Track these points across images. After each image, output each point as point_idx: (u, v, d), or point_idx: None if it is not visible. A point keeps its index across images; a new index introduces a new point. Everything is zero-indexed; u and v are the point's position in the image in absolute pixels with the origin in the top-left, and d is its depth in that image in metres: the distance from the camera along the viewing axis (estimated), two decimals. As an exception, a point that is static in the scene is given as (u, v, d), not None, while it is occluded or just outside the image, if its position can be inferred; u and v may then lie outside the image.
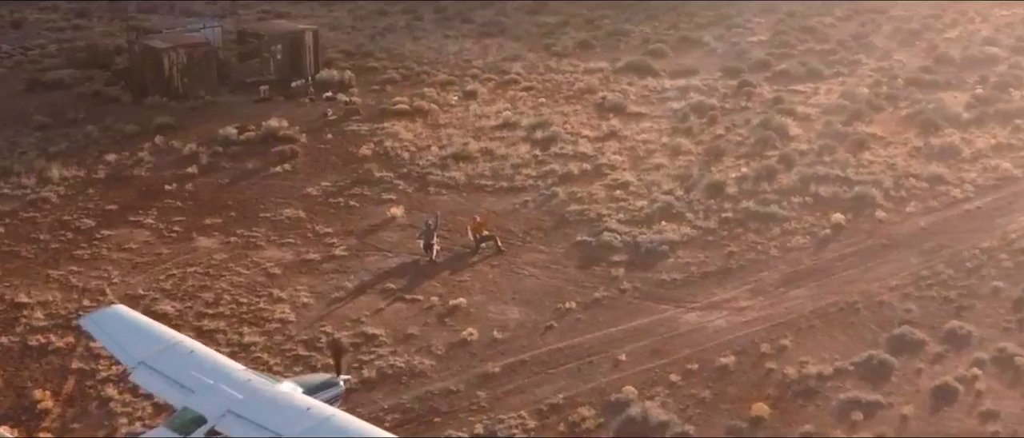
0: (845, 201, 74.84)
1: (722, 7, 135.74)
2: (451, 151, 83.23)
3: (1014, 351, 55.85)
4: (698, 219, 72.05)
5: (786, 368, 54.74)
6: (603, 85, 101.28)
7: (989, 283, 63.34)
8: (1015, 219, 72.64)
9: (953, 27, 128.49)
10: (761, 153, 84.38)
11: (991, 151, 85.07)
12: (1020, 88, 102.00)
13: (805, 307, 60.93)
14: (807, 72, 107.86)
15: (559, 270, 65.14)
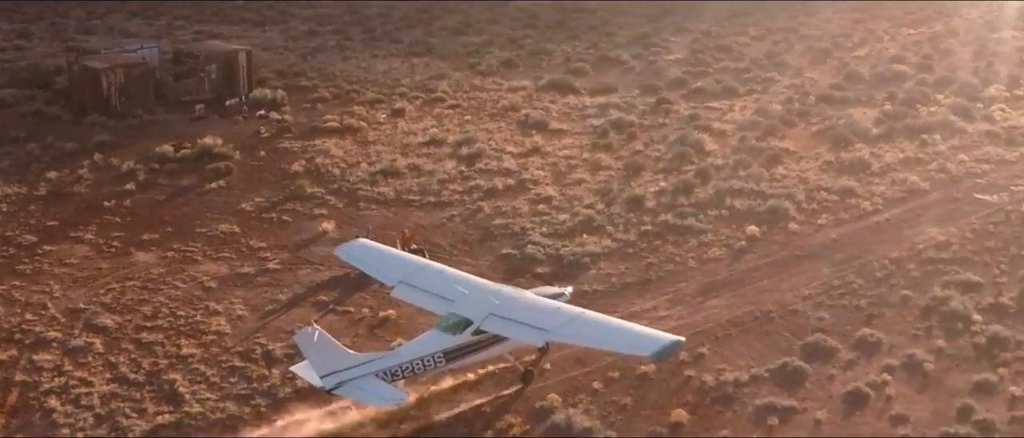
0: (759, 214, 75.29)
1: (640, 26, 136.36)
2: (380, 167, 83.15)
3: (922, 357, 56.54)
4: (618, 232, 72.32)
5: (704, 375, 54.99)
6: (526, 103, 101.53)
7: (898, 292, 64.07)
8: (922, 230, 73.31)
9: (862, 46, 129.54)
10: (678, 168, 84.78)
11: (899, 165, 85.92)
12: (926, 104, 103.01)
13: (722, 316, 61.29)
14: (722, 89, 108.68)
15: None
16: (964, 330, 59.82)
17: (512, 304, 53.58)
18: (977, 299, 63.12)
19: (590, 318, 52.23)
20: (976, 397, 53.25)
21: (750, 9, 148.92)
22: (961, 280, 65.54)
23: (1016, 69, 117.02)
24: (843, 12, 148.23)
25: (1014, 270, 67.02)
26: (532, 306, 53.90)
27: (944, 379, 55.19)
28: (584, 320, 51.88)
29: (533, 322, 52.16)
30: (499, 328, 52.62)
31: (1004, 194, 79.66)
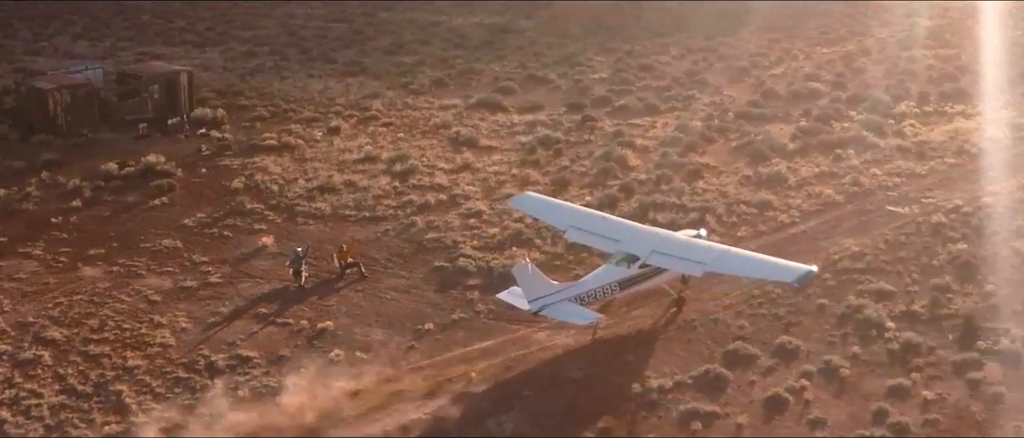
0: (681, 226, 73.89)
1: (566, 46, 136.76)
2: (317, 183, 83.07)
3: (838, 363, 56.97)
4: (546, 245, 72.53)
5: (630, 382, 55.19)
6: (457, 121, 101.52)
7: (814, 301, 64.38)
8: (837, 241, 73.78)
9: (778, 64, 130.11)
10: (603, 183, 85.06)
11: (814, 179, 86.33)
12: (840, 120, 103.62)
13: (646, 325, 61.75)
14: (645, 107, 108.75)
15: (419, 294, 65.30)
16: (878, 337, 60.20)
17: (670, 242, 63.24)
18: (890, 307, 63.54)
19: (737, 253, 62.82)
20: (890, 401, 53.57)
21: (671, 29, 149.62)
22: (875, 289, 66.01)
23: (925, 87, 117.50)
24: (760, 33, 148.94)
25: (925, 279, 67.47)
26: (687, 244, 63.58)
27: (860, 384, 55.54)
28: (733, 254, 62.20)
29: (691, 257, 61.30)
30: (662, 262, 61.77)
31: (915, 206, 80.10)
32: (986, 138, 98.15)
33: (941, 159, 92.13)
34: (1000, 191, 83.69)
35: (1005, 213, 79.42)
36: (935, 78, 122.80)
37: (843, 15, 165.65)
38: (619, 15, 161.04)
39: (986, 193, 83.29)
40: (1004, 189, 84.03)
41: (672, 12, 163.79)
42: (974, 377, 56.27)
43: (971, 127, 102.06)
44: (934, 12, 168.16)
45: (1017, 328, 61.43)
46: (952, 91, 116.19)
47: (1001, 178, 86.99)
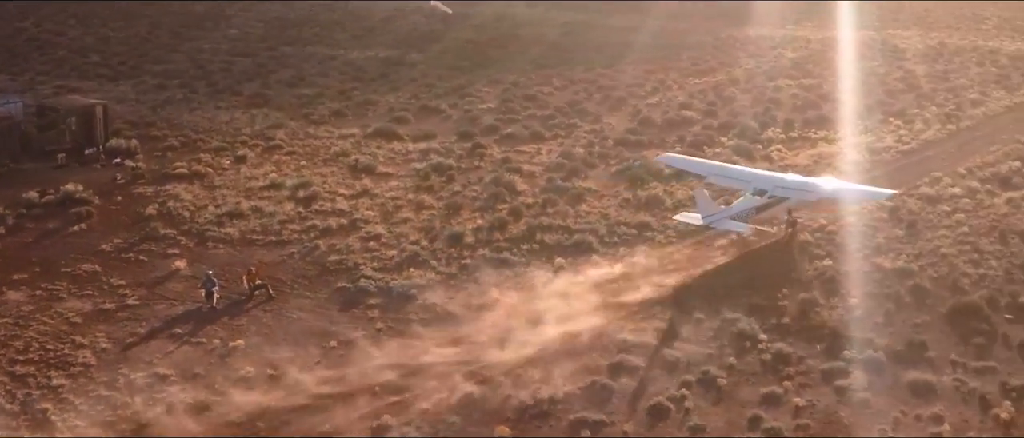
0: (566, 247, 76.12)
1: (456, 78, 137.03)
2: (226, 209, 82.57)
3: (716, 373, 57.67)
4: (441, 265, 72.70)
5: (522, 393, 55.46)
6: (355, 149, 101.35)
7: (693, 314, 65.05)
8: (710, 258, 75.09)
9: (654, 94, 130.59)
10: (493, 207, 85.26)
11: (689, 201, 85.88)
12: (712, 146, 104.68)
13: (536, 340, 61.55)
14: (530, 135, 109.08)
15: (323, 313, 65.19)
16: (752, 348, 61.04)
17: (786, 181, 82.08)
18: (762, 320, 64.33)
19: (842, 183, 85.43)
20: (764, 408, 54.50)
21: (554, 62, 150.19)
22: (748, 303, 66.87)
23: (790, 114, 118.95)
24: (636, 64, 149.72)
25: (794, 294, 68.45)
26: (802, 181, 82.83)
27: (735, 392, 56.32)
28: (839, 184, 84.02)
29: (807, 189, 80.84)
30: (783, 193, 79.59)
31: (782, 225, 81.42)
32: (847, 161, 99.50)
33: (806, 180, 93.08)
34: (861, 210, 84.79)
35: (866, 231, 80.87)
36: (799, 106, 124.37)
37: (713, 47, 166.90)
38: (504, 49, 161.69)
39: (848, 212, 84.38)
40: (864, 208, 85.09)
41: (554, 46, 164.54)
42: (841, 384, 57.32)
43: (833, 151, 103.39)
44: (797, 45, 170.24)
45: (880, 338, 62.63)
46: (815, 118, 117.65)
47: (864, 198, 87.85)
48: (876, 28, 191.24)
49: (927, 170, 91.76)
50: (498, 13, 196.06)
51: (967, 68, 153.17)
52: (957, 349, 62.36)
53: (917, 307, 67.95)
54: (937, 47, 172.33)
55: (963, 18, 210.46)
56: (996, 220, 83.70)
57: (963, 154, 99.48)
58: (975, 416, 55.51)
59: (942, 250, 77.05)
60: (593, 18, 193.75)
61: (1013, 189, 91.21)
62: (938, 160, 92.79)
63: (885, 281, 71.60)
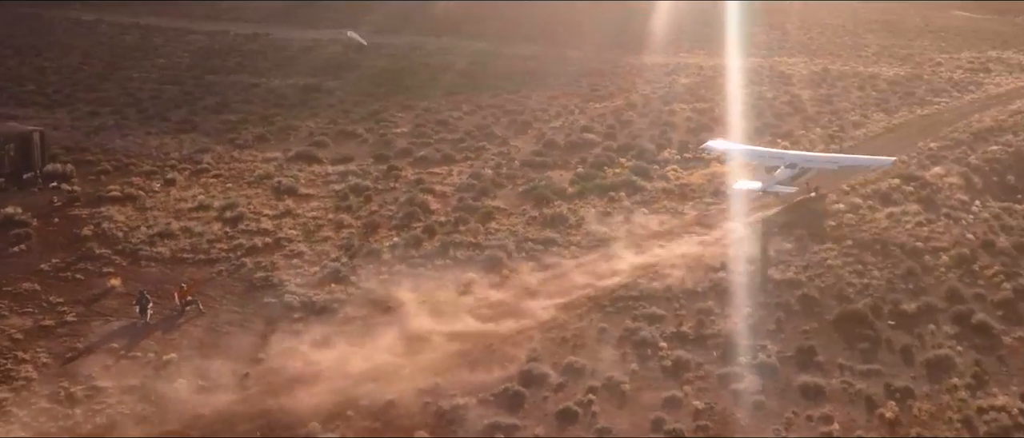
0: (478, 262, 76.27)
1: (371, 104, 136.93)
2: (157, 230, 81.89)
3: (620, 379, 58.16)
4: (361, 281, 72.72)
5: (439, 400, 55.68)
6: (278, 172, 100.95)
7: (596, 325, 65.58)
8: (607, 272, 75.04)
9: (557, 118, 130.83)
10: (408, 225, 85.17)
11: (591, 218, 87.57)
12: (612, 167, 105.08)
13: (451, 349, 62.02)
14: (442, 157, 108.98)
15: (251, 327, 64.87)
16: (653, 355, 61.53)
17: (812, 157, 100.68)
18: (662, 329, 64.91)
19: (851, 158, 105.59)
20: (666, 411, 54.96)
21: (463, 88, 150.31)
22: (648, 313, 67.22)
23: (685, 136, 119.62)
24: (540, 90, 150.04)
25: (691, 304, 69.11)
26: (821, 156, 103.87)
27: (639, 396, 56.73)
28: (851, 158, 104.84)
29: (826, 162, 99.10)
30: (811, 164, 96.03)
31: (678, 241, 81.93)
32: (739, 180, 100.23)
33: (700, 199, 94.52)
34: (753, 224, 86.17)
35: (757, 244, 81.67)
36: (693, 128, 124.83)
37: (612, 75, 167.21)
38: (416, 77, 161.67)
39: (740, 227, 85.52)
40: (757, 223, 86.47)
41: (463, 74, 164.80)
42: (737, 387, 57.99)
43: (725, 171, 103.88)
44: (690, 72, 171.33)
45: (772, 344, 63.41)
46: (707, 140, 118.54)
47: (752, 214, 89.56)
48: (764, 55, 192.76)
49: (813, 187, 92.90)
50: (410, 44, 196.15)
51: (849, 92, 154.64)
52: (844, 353, 63.27)
53: (806, 315, 68.76)
54: (821, 73, 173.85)
55: (845, 46, 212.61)
56: (878, 234, 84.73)
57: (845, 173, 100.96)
58: (862, 415, 56.37)
59: (828, 262, 77.90)
60: (498, 48, 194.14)
61: (893, 205, 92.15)
62: (822, 178, 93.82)
63: (776, 291, 72.39)
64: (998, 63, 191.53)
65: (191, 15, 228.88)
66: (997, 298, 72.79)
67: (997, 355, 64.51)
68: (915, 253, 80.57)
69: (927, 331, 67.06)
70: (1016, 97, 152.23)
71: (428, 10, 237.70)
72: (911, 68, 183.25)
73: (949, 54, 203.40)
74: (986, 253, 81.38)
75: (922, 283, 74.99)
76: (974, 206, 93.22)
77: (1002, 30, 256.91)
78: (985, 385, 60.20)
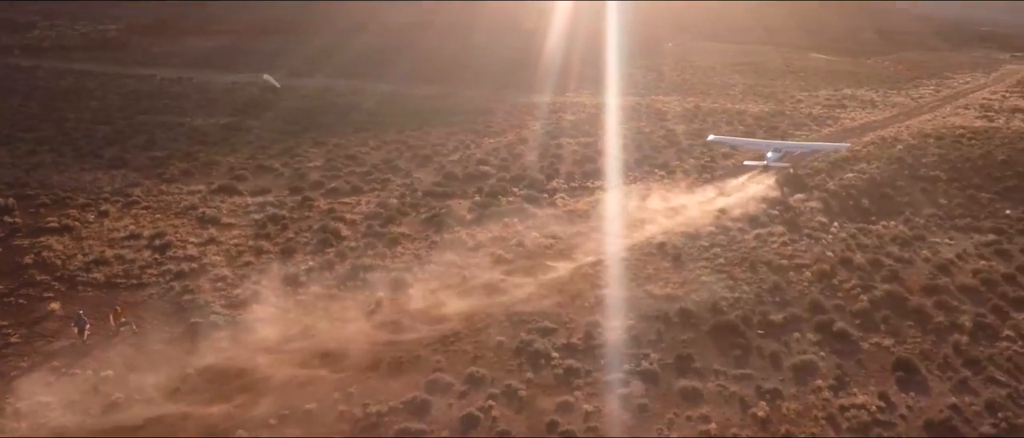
0: (386, 283, 76.51)
1: (286, 141, 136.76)
2: (92, 257, 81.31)
3: (517, 386, 59.32)
4: (279, 301, 72.83)
5: (353, 409, 56.37)
6: (202, 203, 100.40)
7: (495, 338, 66.30)
8: (511, 291, 75.81)
9: (455, 152, 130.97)
10: (322, 250, 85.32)
11: (489, 242, 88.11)
12: (506, 195, 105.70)
13: (363, 362, 62.47)
14: (351, 188, 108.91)
15: (180, 345, 64.74)
16: (546, 365, 62.45)
17: (792, 146, 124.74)
18: (554, 341, 65.83)
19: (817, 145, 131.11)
20: (559, 414, 56.22)
21: (369, 126, 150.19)
22: (541, 327, 68.12)
23: (571, 167, 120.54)
24: (439, 127, 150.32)
25: (579, 317, 70.02)
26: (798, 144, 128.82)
27: (534, 402, 57.86)
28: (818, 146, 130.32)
29: (802, 149, 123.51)
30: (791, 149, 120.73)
31: (567, 262, 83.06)
32: (620, 206, 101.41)
33: (586, 223, 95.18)
34: (634, 246, 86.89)
35: (638, 263, 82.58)
36: (578, 160, 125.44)
37: (505, 113, 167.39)
38: (327, 115, 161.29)
39: (623, 248, 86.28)
40: (638, 246, 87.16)
41: (370, 113, 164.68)
42: (623, 392, 59.31)
43: (608, 198, 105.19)
44: (575, 109, 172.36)
45: (654, 353, 64.64)
46: (592, 170, 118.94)
47: (634, 235, 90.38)
48: (641, 94, 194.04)
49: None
50: (321, 86, 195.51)
51: (718, 127, 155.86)
52: (719, 360, 64.83)
53: (683, 326, 69.94)
54: (693, 110, 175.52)
55: (714, 85, 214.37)
56: (747, 253, 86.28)
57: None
58: (736, 415, 57.99)
59: (703, 278, 79.44)
60: (402, 89, 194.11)
61: (760, 227, 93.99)
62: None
63: (656, 305, 73.47)
64: (852, 100, 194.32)
65: (122, 61, 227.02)
66: (855, 308, 74.86)
67: (856, 359, 66.42)
68: (780, 269, 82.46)
69: (793, 339, 68.92)
70: (868, 130, 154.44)
71: (337, 55, 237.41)
72: (774, 105, 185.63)
73: (808, 92, 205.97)
74: (844, 269, 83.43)
75: (787, 296, 76.86)
76: (833, 227, 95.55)
77: (855, 71, 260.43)
78: (846, 386, 62.20)
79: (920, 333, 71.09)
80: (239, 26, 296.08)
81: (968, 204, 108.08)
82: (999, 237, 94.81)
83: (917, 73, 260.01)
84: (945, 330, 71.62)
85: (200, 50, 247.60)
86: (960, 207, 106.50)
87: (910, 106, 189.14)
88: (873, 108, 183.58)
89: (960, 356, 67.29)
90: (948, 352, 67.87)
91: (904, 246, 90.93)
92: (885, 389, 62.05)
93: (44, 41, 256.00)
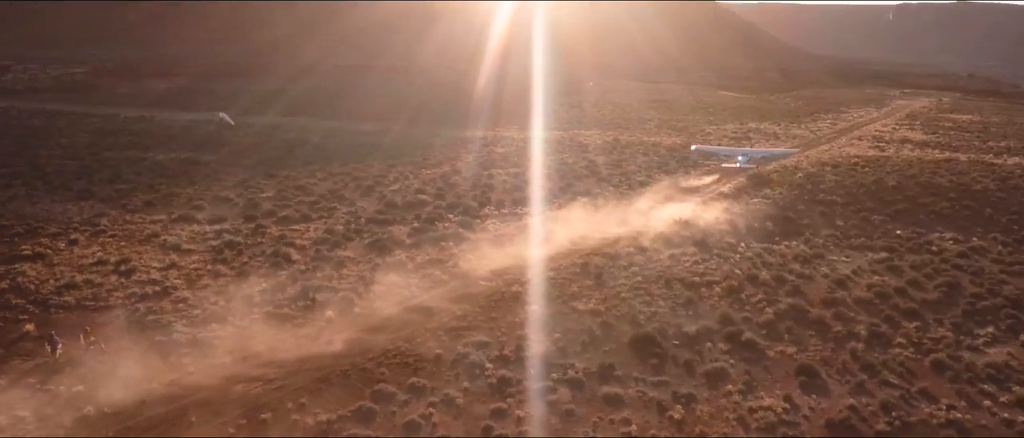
0: (333, 303, 76.36)
1: (241, 174, 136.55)
2: (64, 282, 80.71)
3: (454, 395, 59.53)
4: (242, 322, 72.29)
5: (306, 418, 56.34)
6: (165, 231, 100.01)
7: (433, 351, 66.27)
8: (446, 308, 75.96)
9: (395, 182, 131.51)
10: (274, 273, 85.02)
11: (427, 264, 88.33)
12: (442, 222, 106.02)
13: (314, 375, 62.28)
14: (301, 216, 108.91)
15: (147, 362, 64.00)
16: (480, 375, 62.64)
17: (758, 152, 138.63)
18: (487, 353, 66.05)
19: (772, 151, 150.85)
20: (494, 420, 56.42)
21: (317, 159, 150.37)
22: (476, 340, 68.46)
23: (502, 195, 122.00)
24: (380, 160, 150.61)
25: (511, 332, 70.41)
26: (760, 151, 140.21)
27: (471, 408, 58.02)
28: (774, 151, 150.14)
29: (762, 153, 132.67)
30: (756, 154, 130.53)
31: (499, 281, 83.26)
32: (547, 231, 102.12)
33: (515, 246, 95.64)
34: (559, 268, 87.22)
35: (563, 282, 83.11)
36: (508, 189, 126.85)
37: (440, 146, 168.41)
38: (277, 150, 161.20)
39: (549, 270, 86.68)
40: (563, 266, 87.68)
41: (317, 147, 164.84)
42: (552, 399, 59.59)
43: (535, 223, 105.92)
44: (505, 143, 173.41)
45: (579, 362, 65.05)
46: (521, 198, 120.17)
47: (560, 257, 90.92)
48: (565, 129, 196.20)
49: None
50: (272, 123, 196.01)
51: (635, 157, 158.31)
52: (638, 368, 65.35)
53: (606, 338, 70.54)
54: (612, 142, 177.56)
55: (631, 120, 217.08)
56: (662, 271, 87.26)
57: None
58: (655, 418, 58.54)
59: (622, 294, 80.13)
60: (346, 126, 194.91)
61: (674, 247, 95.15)
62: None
63: (580, 319, 74.01)
64: (757, 133, 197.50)
65: (89, 101, 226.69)
66: (761, 320, 75.93)
67: (763, 365, 67.35)
68: (693, 286, 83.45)
69: (705, 348, 69.66)
70: (770, 159, 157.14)
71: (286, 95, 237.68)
72: (686, 137, 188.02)
73: (717, 126, 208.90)
74: (751, 284, 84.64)
75: (700, 310, 77.78)
76: (740, 247, 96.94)
77: (759, 107, 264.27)
78: (754, 390, 62.98)
79: (820, 341, 72.27)
80: (196, 69, 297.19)
81: (862, 225, 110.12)
82: (890, 255, 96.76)
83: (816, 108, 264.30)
84: (843, 338, 72.82)
85: (161, 91, 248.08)
86: (855, 228, 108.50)
87: (809, 138, 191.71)
88: (776, 140, 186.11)
89: (857, 362, 68.38)
90: (846, 358, 68.95)
91: (805, 263, 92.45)
92: (789, 392, 62.89)
93: (18, 84, 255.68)
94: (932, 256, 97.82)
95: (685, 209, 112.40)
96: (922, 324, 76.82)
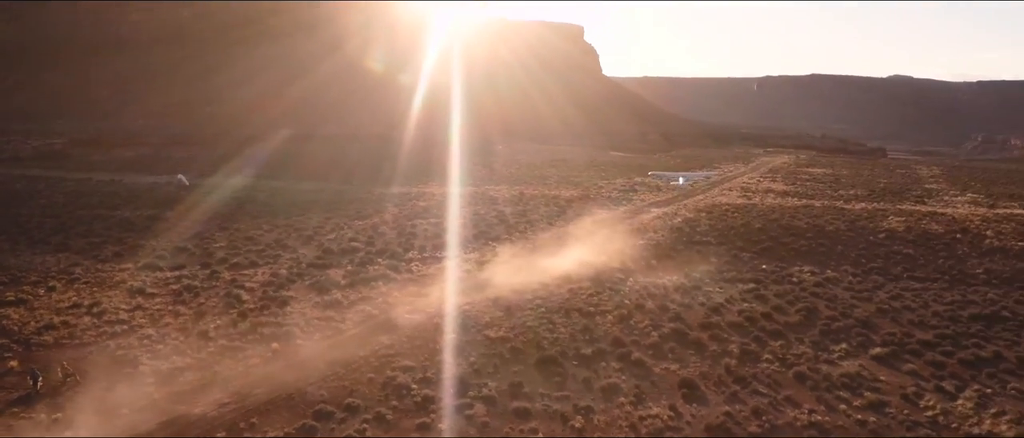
0: (279, 336, 76.36)
1: (196, 227, 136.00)
2: (43, 323, 79.98)
3: (385, 412, 59.93)
4: (200, 354, 72.07)
5: (256, 436, 56.69)
6: (132, 278, 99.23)
7: (366, 375, 66.89)
8: (377, 339, 75.96)
9: (332, 232, 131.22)
10: (227, 311, 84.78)
11: (361, 302, 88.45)
12: (372, 265, 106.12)
13: (262, 398, 62.43)
14: (250, 262, 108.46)
15: (116, 391, 63.67)
16: (407, 394, 63.11)
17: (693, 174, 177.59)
18: (413, 376, 66.34)
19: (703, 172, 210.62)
20: (419, 432, 57.50)
21: (263, 214, 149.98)
22: (403, 365, 68.83)
23: (424, 242, 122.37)
24: (318, 214, 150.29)
25: (432, 357, 70.94)
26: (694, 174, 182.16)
27: (400, 423, 58.48)
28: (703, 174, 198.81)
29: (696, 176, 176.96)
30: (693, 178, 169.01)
31: (422, 315, 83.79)
32: (464, 271, 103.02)
33: (436, 285, 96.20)
34: (474, 302, 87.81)
35: (478, 314, 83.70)
36: (429, 236, 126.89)
37: (371, 202, 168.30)
38: (228, 207, 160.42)
39: (466, 304, 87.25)
40: (477, 301, 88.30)
41: (263, 204, 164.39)
42: (469, 413, 60.40)
43: (453, 266, 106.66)
44: (426, 197, 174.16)
45: (492, 382, 65.83)
46: (440, 244, 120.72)
47: (474, 294, 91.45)
48: (477, 185, 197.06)
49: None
50: (223, 184, 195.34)
51: (538, 208, 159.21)
52: (543, 385, 66.09)
53: (515, 361, 71.24)
54: (518, 196, 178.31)
55: (534, 177, 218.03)
56: (562, 303, 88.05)
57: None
58: (559, 427, 59.30)
59: (528, 323, 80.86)
60: (289, 185, 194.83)
61: (573, 282, 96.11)
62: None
63: (492, 345, 74.68)
64: (642, 186, 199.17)
65: (65, 168, 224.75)
66: (648, 342, 76.98)
67: (650, 380, 68.36)
68: (589, 315, 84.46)
69: (600, 367, 70.61)
70: (654, 207, 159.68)
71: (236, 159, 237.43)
72: (582, 190, 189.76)
73: (607, 181, 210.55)
74: (639, 312, 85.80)
75: (595, 334, 78.66)
76: (629, 282, 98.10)
77: (646, 163, 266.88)
78: (643, 401, 64.01)
79: (699, 359, 73.46)
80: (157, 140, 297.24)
81: (733, 262, 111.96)
82: (757, 285, 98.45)
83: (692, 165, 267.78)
84: (718, 356, 74.08)
85: (127, 158, 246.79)
86: (727, 264, 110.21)
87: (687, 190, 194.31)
88: (658, 192, 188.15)
89: (730, 375, 69.61)
90: (721, 372, 70.20)
91: (685, 294, 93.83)
92: (674, 402, 64.02)
93: (3, 153, 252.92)
94: (793, 286, 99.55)
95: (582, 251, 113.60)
96: (786, 342, 78.26)
